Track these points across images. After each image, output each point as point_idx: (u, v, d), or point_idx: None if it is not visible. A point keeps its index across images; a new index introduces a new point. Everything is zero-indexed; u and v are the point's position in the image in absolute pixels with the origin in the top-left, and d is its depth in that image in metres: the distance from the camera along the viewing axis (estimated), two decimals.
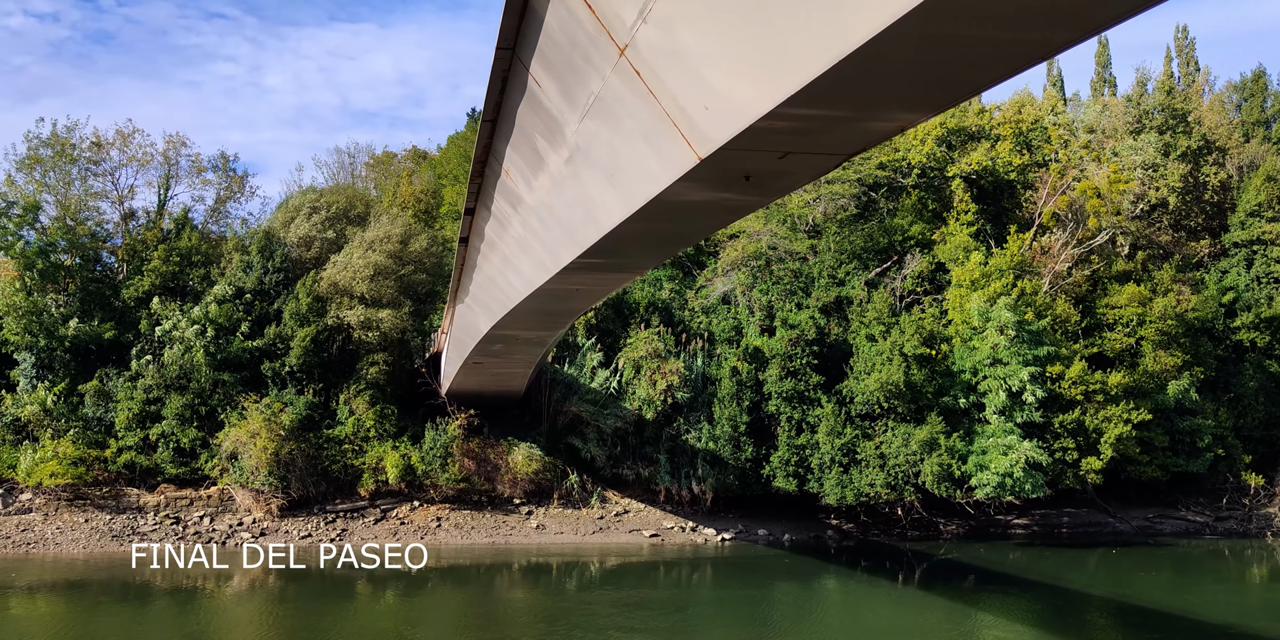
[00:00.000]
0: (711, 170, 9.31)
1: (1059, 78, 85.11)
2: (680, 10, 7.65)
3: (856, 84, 6.73)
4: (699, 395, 48.80)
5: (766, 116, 7.44)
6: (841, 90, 6.85)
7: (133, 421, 44.54)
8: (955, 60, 6.31)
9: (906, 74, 6.63)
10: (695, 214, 11.70)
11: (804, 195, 54.63)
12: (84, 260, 48.61)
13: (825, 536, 47.96)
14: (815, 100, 7.02)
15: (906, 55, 6.15)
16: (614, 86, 9.55)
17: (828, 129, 7.95)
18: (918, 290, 52.81)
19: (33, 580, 38.20)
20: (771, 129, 7.79)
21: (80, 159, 48.39)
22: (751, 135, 7.99)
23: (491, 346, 34.22)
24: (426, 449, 45.17)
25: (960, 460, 44.38)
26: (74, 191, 48.29)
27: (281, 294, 47.46)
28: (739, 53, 7.32)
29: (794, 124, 7.72)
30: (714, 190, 10.29)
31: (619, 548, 44.96)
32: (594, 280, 18.14)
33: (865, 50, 5.90)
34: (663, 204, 10.88)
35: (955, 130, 57.34)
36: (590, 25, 9.02)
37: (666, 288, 55.59)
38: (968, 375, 46.92)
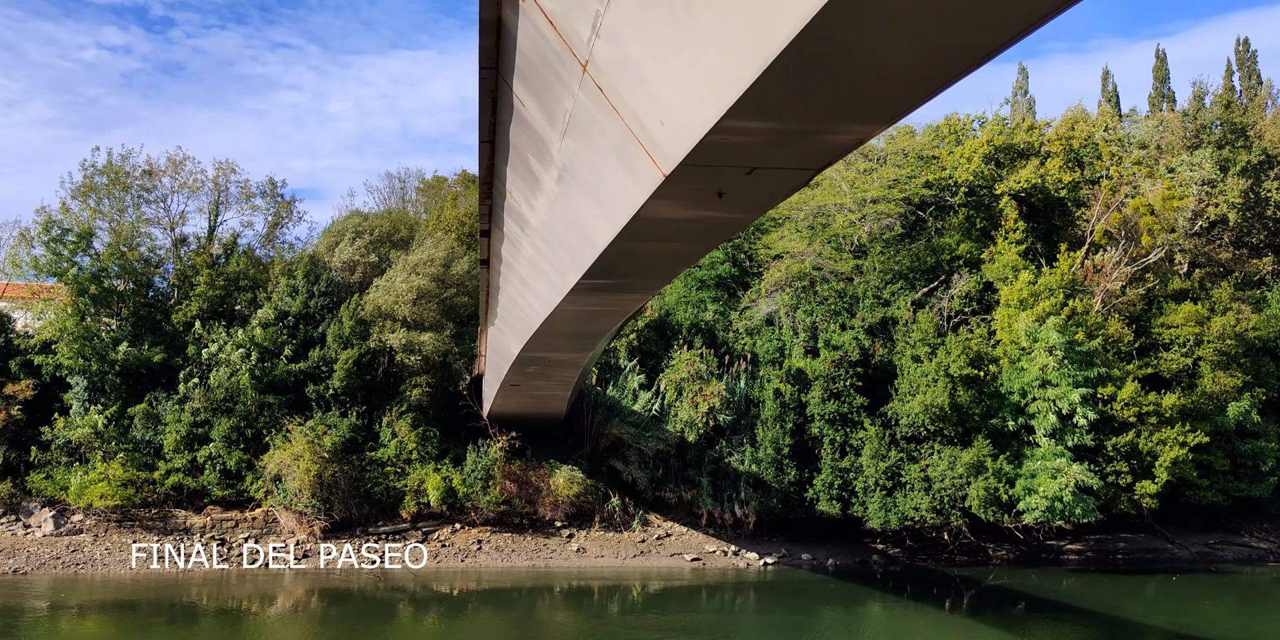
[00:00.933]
0: (681, 187, 9.14)
1: (1114, 93, 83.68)
2: (625, 24, 7.53)
3: (792, 93, 6.53)
4: (742, 417, 48.34)
5: (715, 130, 7.27)
6: (780, 100, 6.66)
7: (180, 444, 45.22)
8: (882, 66, 6.09)
9: (839, 82, 6.42)
10: (682, 232, 11.53)
11: (849, 215, 54.16)
12: (137, 285, 49.62)
13: (870, 561, 47.11)
14: (757, 112, 6.84)
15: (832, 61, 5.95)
16: (584, 104, 9.44)
17: (784, 142, 7.76)
18: (965, 310, 51.95)
19: (83, 600, 38.84)
20: (726, 143, 7.62)
21: (133, 186, 49.52)
22: (708, 150, 7.82)
23: (526, 369, 34.22)
24: (468, 471, 45.24)
25: (1008, 484, 43.39)
26: (127, 218, 49.39)
27: (326, 317, 48.01)
28: (681, 65, 7.18)
29: (748, 138, 7.54)
30: (691, 208, 10.12)
31: (660, 571, 44.54)
32: (608, 301, 18.00)
33: (788, 56, 5.72)
34: (645, 222, 10.73)
35: (1003, 148, 56.49)
36: (555, 42, 8.93)
37: (710, 309, 55.30)
38: (1016, 397, 45.95)
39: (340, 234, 50.71)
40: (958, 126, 59.32)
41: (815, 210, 54.67)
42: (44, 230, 46.39)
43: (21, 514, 44.93)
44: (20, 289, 52.21)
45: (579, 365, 32.77)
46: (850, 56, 5.91)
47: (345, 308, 46.94)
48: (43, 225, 46.47)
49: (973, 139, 57.30)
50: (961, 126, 59.60)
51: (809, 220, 54.96)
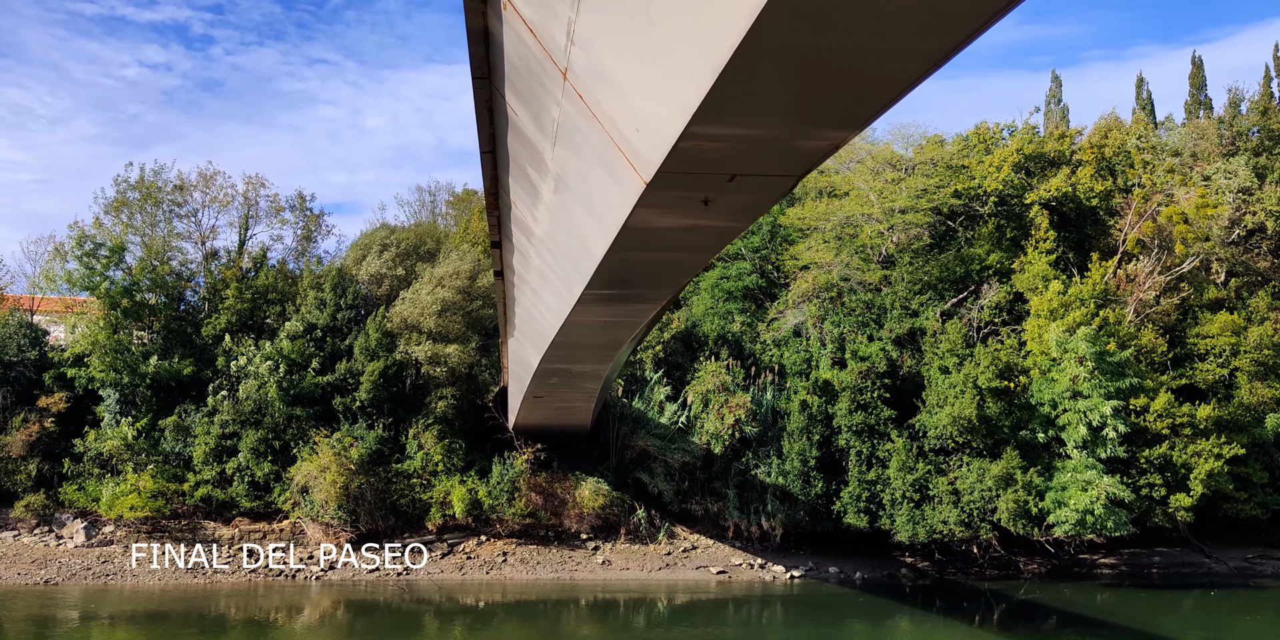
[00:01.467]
0: (665, 195, 9.07)
1: (1149, 100, 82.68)
2: (594, 31, 7.48)
3: (752, 99, 6.44)
4: (768, 429, 48.04)
5: (686, 137, 7.20)
6: (742, 106, 6.57)
7: (209, 456, 45.60)
8: (836, 70, 5.99)
9: (796, 87, 6.33)
10: (676, 241, 11.45)
11: (876, 225, 53.81)
12: (168, 299, 50.23)
13: (899, 574, 46.56)
14: (722, 118, 6.76)
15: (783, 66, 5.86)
16: (568, 112, 9.40)
17: (759, 149, 7.68)
18: (995, 321, 51.40)
19: (113, 610, 39.21)
20: (700, 150, 7.54)
21: (164, 201, 50.18)
22: (684, 157, 7.75)
23: (548, 380, 34.19)
24: (493, 483, 45.26)
25: (1038, 496, 42.76)
26: (159, 232, 50.04)
27: (353, 330, 48.32)
28: (648, 71, 7.12)
29: (721, 145, 7.46)
30: (680, 216, 10.04)
31: (686, 584, 44.28)
32: (617, 312, 17.93)
33: (739, 61, 5.64)
34: (636, 231, 10.66)
35: (1033, 156, 55.93)
36: (537, 50, 8.90)
37: (738, 320, 55.07)
38: (1046, 408, 45.33)
39: (367, 247, 51.07)
40: (987, 135, 58.83)
41: (843, 221, 54.35)
42: (77, 245, 47.10)
43: (54, 525, 45.48)
44: (54, 303, 53.00)
45: (601, 377, 32.67)
46: (800, 61, 5.83)
47: (371, 320, 47.22)
48: (76, 240, 47.19)
49: (1002, 148, 56.77)
50: (991, 135, 59.10)
51: (836, 230, 54.63)
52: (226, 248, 52.95)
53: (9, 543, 44.20)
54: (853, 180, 56.03)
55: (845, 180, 56.70)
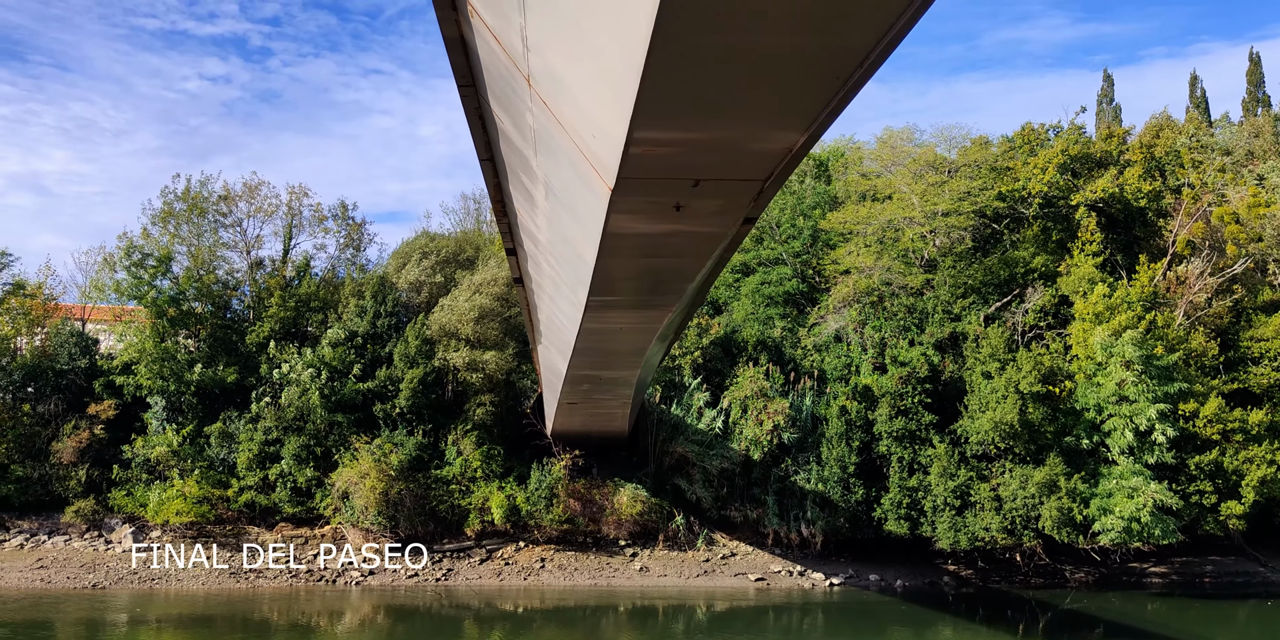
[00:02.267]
0: (634, 201, 9.01)
1: (1202, 99, 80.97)
2: (541, 36, 7.45)
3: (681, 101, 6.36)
4: (808, 435, 47.63)
5: (635, 142, 7.14)
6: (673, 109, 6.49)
7: (253, 462, 46.27)
8: (754, 70, 5.89)
9: (721, 87, 6.23)
10: (661, 247, 11.38)
11: (918, 228, 53.20)
12: (215, 307, 51.12)
13: (941, 583, 45.89)
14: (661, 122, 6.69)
15: (700, 68, 5.77)
16: (540, 119, 9.38)
17: (711, 153, 7.58)
18: (1040, 325, 50.53)
19: (159, 614, 39.94)
20: (653, 156, 7.47)
21: (210, 211, 51.08)
22: (640, 163, 7.69)
23: (579, 387, 34.19)
24: (531, 489, 45.40)
25: (1083, 503, 41.91)
26: (205, 242, 50.95)
27: (393, 337, 48.80)
28: (588, 76, 7.07)
29: (672, 149, 7.39)
30: (655, 222, 9.97)
31: (724, 591, 44.04)
32: (628, 318, 17.87)
33: (655, 64, 5.57)
34: (619, 238, 10.60)
35: (1079, 157, 54.91)
36: (503, 57, 8.89)
37: (778, 325, 54.71)
38: (1091, 413, 44.47)
39: (408, 255, 51.56)
40: (1032, 136, 57.90)
41: (884, 224, 53.80)
42: (125, 255, 48.13)
43: (104, 530, 46.42)
44: (105, 312, 54.18)
45: (632, 383, 32.57)
46: (715, 62, 5.73)
47: (411, 327, 47.66)
48: (124, 250, 48.22)
49: (1048, 149, 55.82)
50: (1036, 136, 58.15)
51: (878, 234, 54.10)
52: (271, 257, 53.83)
53: (60, 547, 45.19)
54: (894, 183, 55.45)
55: (886, 183, 56.14)
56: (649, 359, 30.66)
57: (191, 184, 51.50)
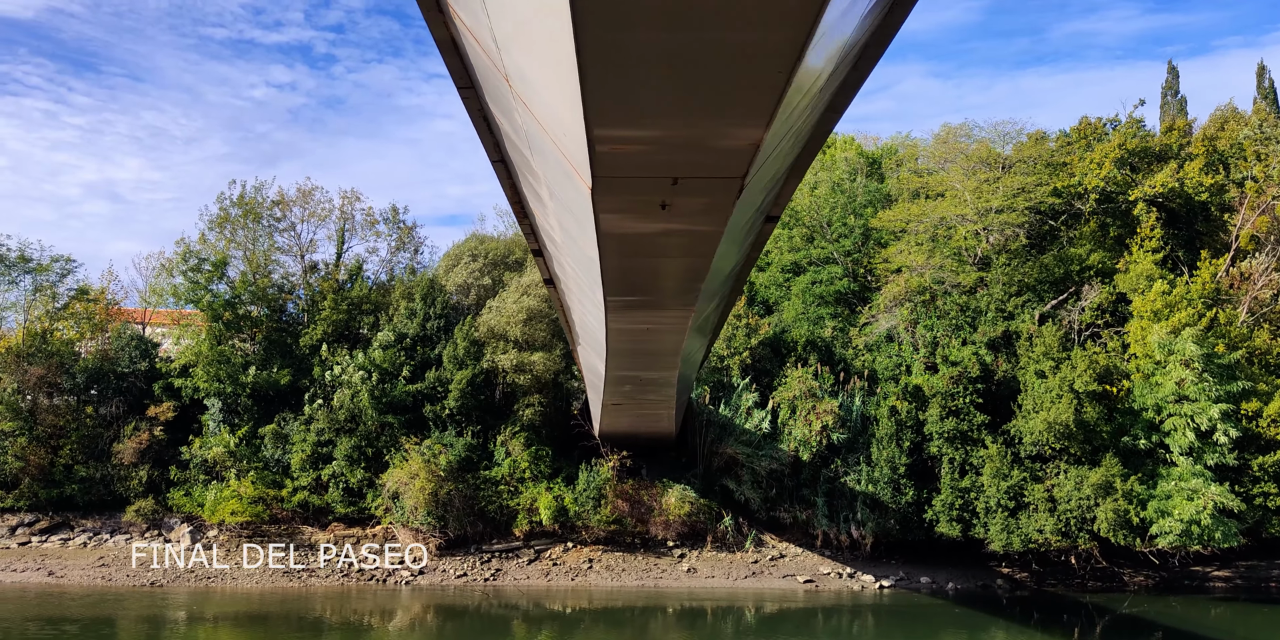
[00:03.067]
0: (617, 200, 8.96)
1: (1270, 90, 78.48)
2: (505, 35, 7.41)
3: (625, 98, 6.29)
4: (858, 436, 47.12)
5: (598, 140, 7.08)
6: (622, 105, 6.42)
7: (306, 462, 46.99)
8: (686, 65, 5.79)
9: (663, 83, 6.14)
10: (659, 246, 11.30)
11: (971, 225, 52.36)
12: (270, 311, 52.03)
13: (994, 585, 45.10)
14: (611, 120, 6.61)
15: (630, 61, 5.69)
16: (525, 118, 9.35)
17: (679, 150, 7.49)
18: (1097, 323, 49.44)
19: (216, 612, 40.74)
20: (621, 154, 7.42)
21: (265, 216, 52.02)
22: (609, 161, 7.63)
23: (620, 387, 34.18)
24: (579, 490, 45.52)
25: (1140, 505, 40.91)
26: (260, 247, 51.88)
27: (442, 339, 49.25)
28: (545, 75, 7.03)
29: (637, 147, 7.33)
30: (645, 221, 9.90)
31: (773, 593, 43.74)
32: (651, 318, 17.79)
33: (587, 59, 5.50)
34: (614, 237, 10.55)
35: (1137, 151, 53.63)
36: (483, 57, 8.88)
37: (829, 325, 54.21)
38: (1150, 413, 43.39)
39: (458, 257, 52.01)
40: (1089, 131, 56.68)
41: (936, 222, 53.06)
42: (182, 260, 49.19)
43: (163, 529, 47.47)
44: (164, 316, 55.44)
45: (673, 384, 32.47)
46: (648, 58, 5.64)
47: (459, 329, 48.06)
48: (181, 255, 49.28)
49: (1106, 143, 54.60)
50: (1093, 131, 56.91)
51: (930, 232, 53.35)
52: (325, 260, 54.65)
53: (121, 546, 46.31)
54: (946, 180, 54.66)
55: (939, 181, 55.36)
56: (688, 359, 30.55)
57: (246, 190, 52.55)
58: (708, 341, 29.67)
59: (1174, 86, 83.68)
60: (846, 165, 63.26)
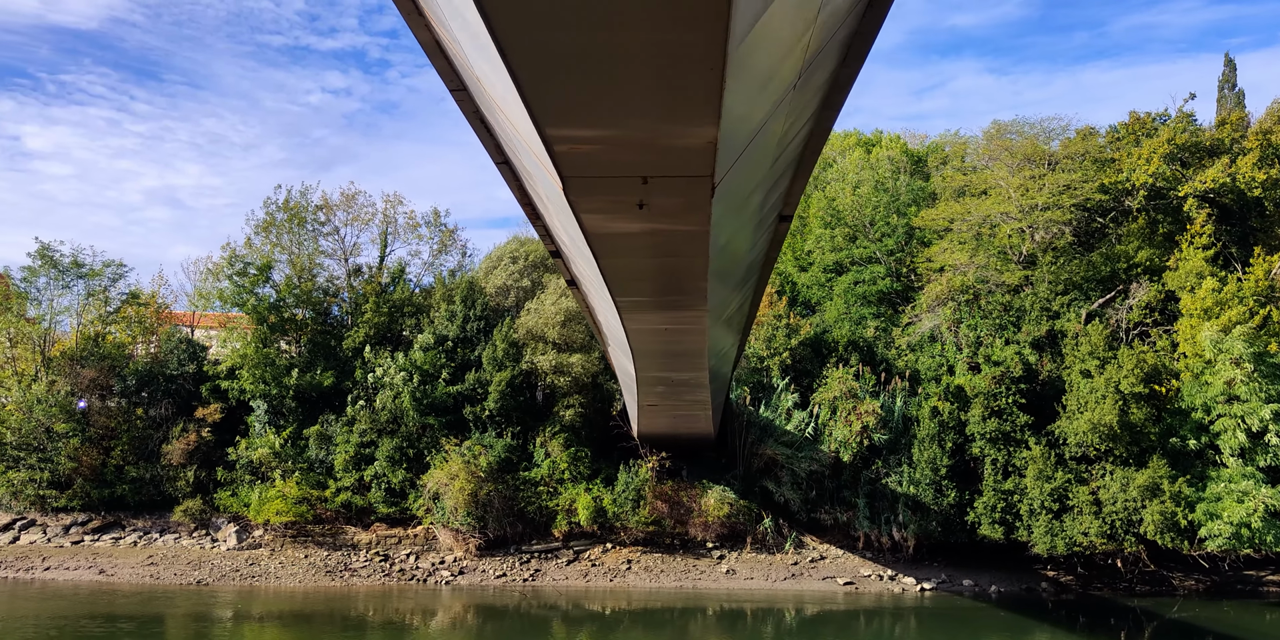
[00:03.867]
0: (593, 200, 8.96)
1: None
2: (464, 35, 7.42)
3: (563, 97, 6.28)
4: (900, 437, 46.64)
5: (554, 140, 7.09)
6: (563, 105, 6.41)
7: (349, 463, 47.56)
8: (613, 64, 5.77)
9: (595, 84, 6.11)
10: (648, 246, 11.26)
11: (1015, 223, 51.61)
12: (315, 313, 52.76)
13: (1039, 589, 44.38)
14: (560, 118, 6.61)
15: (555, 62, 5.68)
16: (502, 120, 9.38)
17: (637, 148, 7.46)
18: (1145, 322, 48.47)
19: (261, 611, 41.39)
20: (580, 153, 7.42)
21: (309, 220, 52.75)
22: (571, 161, 7.63)
23: (653, 388, 34.15)
24: (618, 491, 45.58)
25: (1188, 507, 40.02)
26: (305, 250, 52.62)
27: (481, 341, 49.58)
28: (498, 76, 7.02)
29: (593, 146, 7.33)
30: (629, 220, 9.88)
31: (813, 595, 43.45)
32: (665, 319, 17.76)
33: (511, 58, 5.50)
34: (600, 237, 10.56)
35: (1187, 146, 52.45)
36: (463, 60, 8.92)
37: (871, 325, 53.77)
38: (1199, 414, 42.45)
39: (498, 259, 52.35)
40: (1137, 126, 55.55)
41: (980, 220, 52.35)
42: (227, 264, 50.03)
43: (211, 529, 48.32)
44: (212, 319, 56.45)
45: (705, 385, 32.36)
46: (564, 56, 5.62)
47: (498, 331, 48.34)
48: (226, 260, 50.14)
49: (1155, 138, 53.46)
50: (1142, 126, 55.76)
51: (973, 230, 52.65)
52: (369, 263, 55.29)
53: (170, 545, 47.22)
54: (990, 178, 53.93)
55: (982, 178, 54.65)
56: (718, 360, 30.47)
57: (292, 195, 53.30)
58: (737, 343, 29.57)
59: (1231, 80, 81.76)
60: (890, 164, 62.68)
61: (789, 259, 62.24)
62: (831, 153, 70.96)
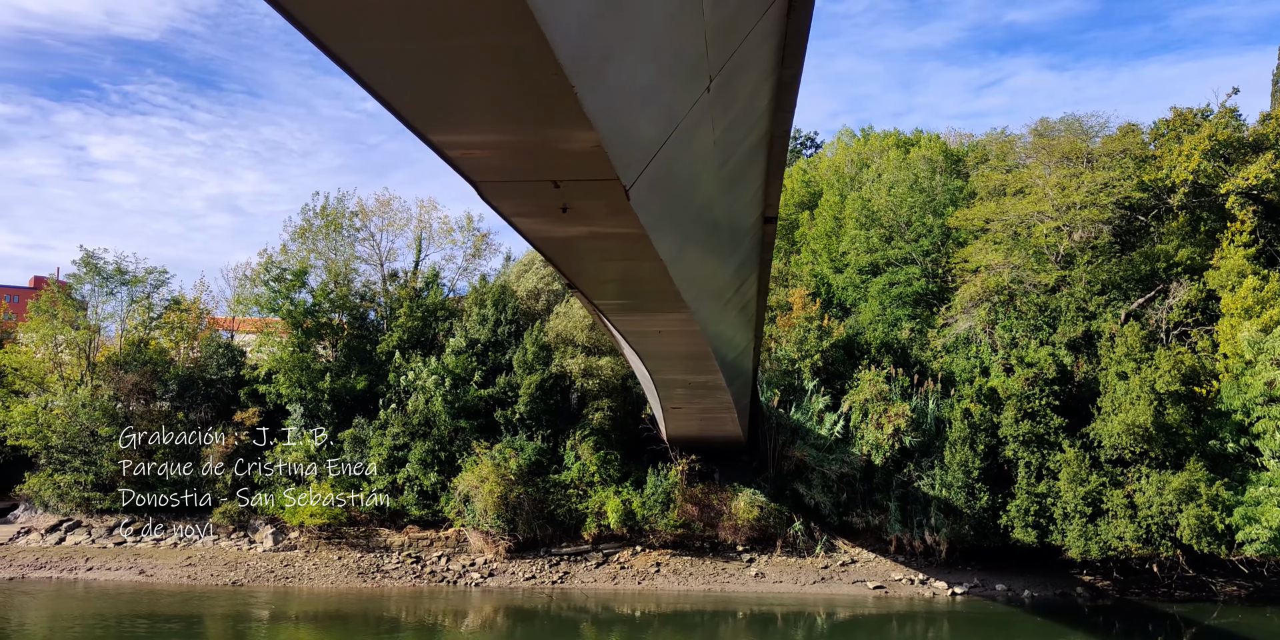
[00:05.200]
0: (515, 204, 9.04)
1: None
2: None
3: (431, 104, 6.35)
4: (932, 439, 46.12)
5: (442, 145, 7.17)
6: (429, 111, 6.47)
7: (383, 466, 48.14)
8: (449, 71, 5.81)
9: (450, 90, 6.16)
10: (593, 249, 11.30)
11: (1051, 222, 50.81)
12: (351, 318, 53.49)
13: (1074, 594, 43.61)
14: (433, 125, 6.69)
15: (407, 72, 5.74)
16: None
17: (525, 154, 7.51)
18: (1186, 321, 47.45)
19: (297, 611, 42.08)
20: (475, 159, 7.51)
21: (345, 226, 53.51)
22: (470, 165, 7.73)
23: (673, 391, 34.20)
24: (647, 494, 45.61)
25: (1225, 511, 39.09)
26: (341, 256, 53.38)
27: (512, 344, 49.92)
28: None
29: (487, 151, 7.40)
30: (561, 224, 9.92)
31: (842, 599, 43.13)
32: (650, 322, 17.76)
33: (360, 69, 5.58)
34: (546, 242, 10.63)
35: (1229, 142, 51.27)
36: None
37: (906, 327, 53.22)
38: (1239, 415, 41.47)
39: (529, 263, 52.66)
40: (1178, 122, 54.41)
41: (1016, 220, 51.62)
42: (264, 270, 50.90)
43: (249, 530, 49.17)
44: (251, 324, 57.47)
45: (723, 387, 32.28)
46: (403, 63, 5.67)
47: (529, 334, 48.63)
48: (263, 265, 51.02)
49: (1196, 135, 52.32)
50: (1183, 122, 54.61)
51: (1009, 230, 51.92)
52: (404, 268, 55.92)
53: (208, 547, 48.13)
54: (1027, 176, 53.17)
55: (1018, 177, 53.89)
56: (732, 362, 30.40)
57: (329, 201, 54.12)
58: (750, 345, 29.48)
59: None
60: (926, 164, 62.03)
61: (824, 261, 61.87)
62: (870, 153, 70.42)
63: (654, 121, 7.97)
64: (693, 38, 7.34)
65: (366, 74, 5.80)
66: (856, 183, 65.25)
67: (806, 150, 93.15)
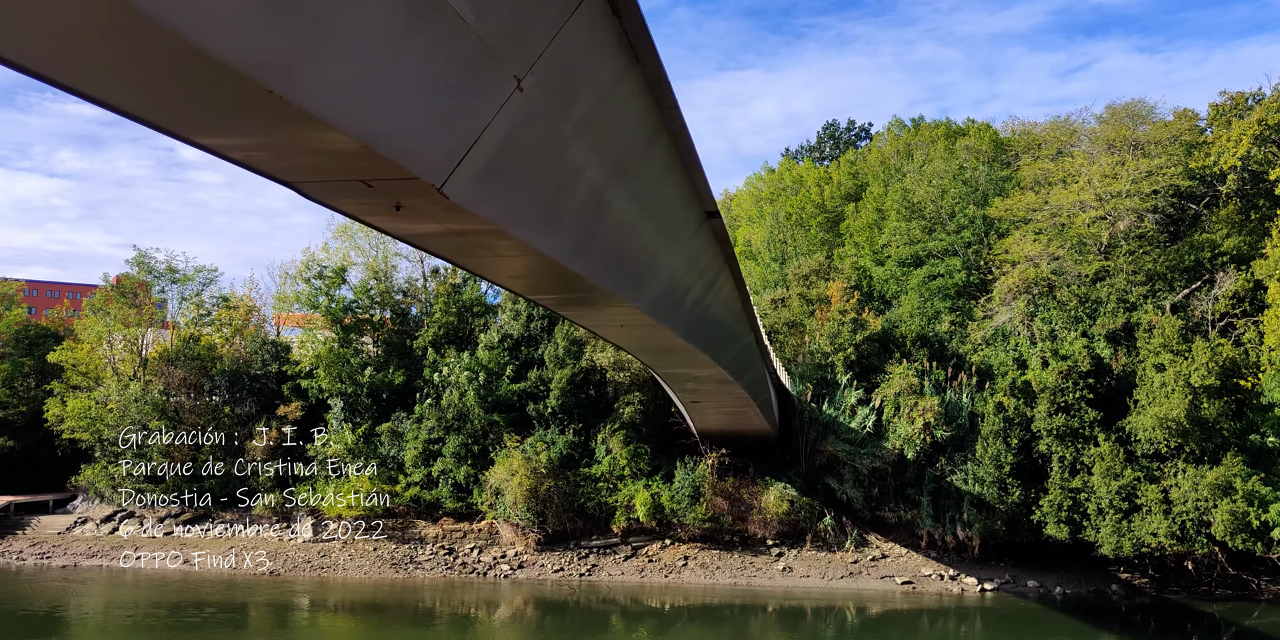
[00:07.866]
0: (345, 203, 9.23)
1: None
2: None
3: (163, 105, 6.52)
4: (967, 433, 45.43)
5: (220, 148, 7.39)
6: (169, 111, 6.66)
7: (418, 459, 48.98)
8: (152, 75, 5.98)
9: (171, 92, 6.32)
10: (474, 246, 11.42)
11: (1092, 212, 49.62)
12: (392, 314, 54.51)
13: (1109, 591, 42.62)
14: (187, 126, 6.89)
15: (117, 72, 5.90)
16: None
17: (300, 154, 7.63)
18: (1233, 312, 46.01)
19: (334, 600, 43.14)
20: (260, 160, 7.71)
21: None
22: (264, 166, 7.90)
23: (683, 385, 34.30)
24: (675, 487, 45.70)
25: (1261, 507, 37.87)
26: (381, 253, 54.41)
27: (544, 339, 50.40)
28: None
29: (265, 154, 7.57)
30: (413, 222, 10.06)
31: (871, 594, 42.77)
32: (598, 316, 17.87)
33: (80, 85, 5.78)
34: (416, 239, 10.81)
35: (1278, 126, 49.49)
36: None
37: (946, 320, 52.47)
38: None
39: None
40: (1226, 107, 52.68)
41: (1056, 210, 50.52)
42: (305, 268, 52.10)
43: (291, 521, 50.45)
44: (294, 320, 58.84)
45: (730, 380, 32.23)
46: (111, 66, 5.79)
47: (560, 329, 49.05)
48: (304, 263, 52.23)
49: (1245, 120, 50.62)
50: (1234, 106, 52.86)
51: (1049, 221, 50.83)
52: (444, 265, 56.66)
53: (251, 537, 49.51)
54: (1068, 166, 51.99)
55: (1060, 167, 52.71)
56: (731, 356, 30.34)
57: None
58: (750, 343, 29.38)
59: None
60: (970, 154, 60.97)
61: (866, 253, 61.23)
62: (918, 143, 69.39)
63: (437, 122, 8.05)
64: (451, 44, 7.40)
65: (90, 89, 5.94)
66: (901, 174, 64.42)
67: (861, 141, 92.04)
